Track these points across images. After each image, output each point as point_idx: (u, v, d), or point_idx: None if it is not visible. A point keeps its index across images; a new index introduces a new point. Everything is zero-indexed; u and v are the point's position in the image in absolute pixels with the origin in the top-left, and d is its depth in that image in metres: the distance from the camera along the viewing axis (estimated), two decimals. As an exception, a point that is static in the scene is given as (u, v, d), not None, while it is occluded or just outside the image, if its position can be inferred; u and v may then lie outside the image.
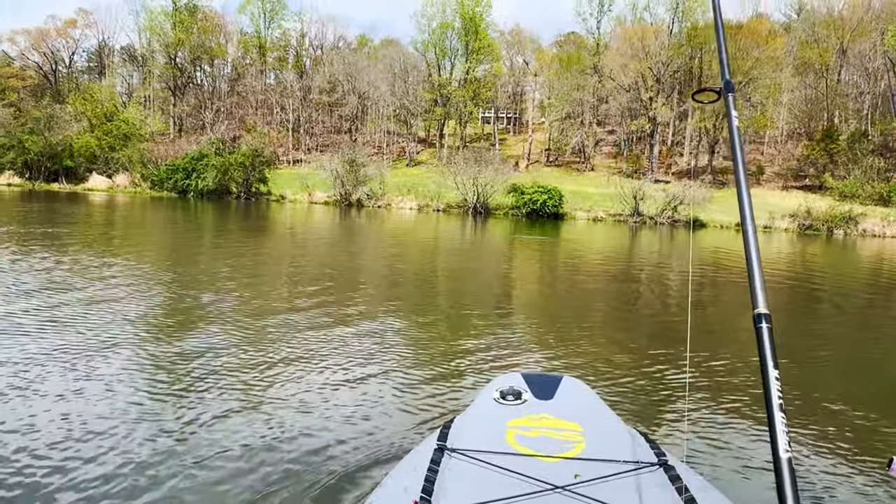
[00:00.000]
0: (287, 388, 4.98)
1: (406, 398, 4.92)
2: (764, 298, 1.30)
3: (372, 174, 38.81)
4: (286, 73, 70.10)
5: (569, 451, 2.23)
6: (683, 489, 1.99)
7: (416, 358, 6.16)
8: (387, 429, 4.25)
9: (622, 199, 35.70)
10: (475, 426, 2.48)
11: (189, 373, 5.20)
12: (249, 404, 4.58)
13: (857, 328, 9.80)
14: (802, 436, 4.44)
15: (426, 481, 2.01)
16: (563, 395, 2.74)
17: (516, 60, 75.13)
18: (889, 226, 34.51)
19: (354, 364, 5.77)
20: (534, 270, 15.60)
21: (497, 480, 2.03)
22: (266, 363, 5.59)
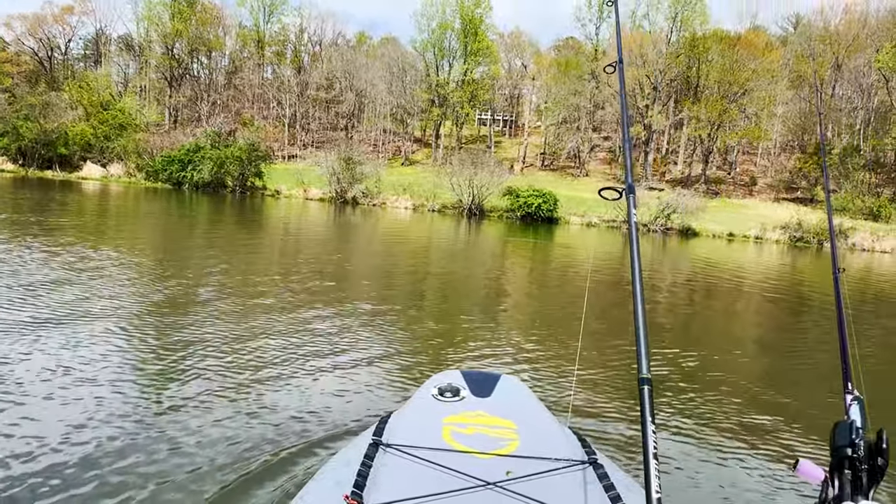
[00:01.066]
0: (243, 380, 5.05)
1: (354, 394, 4.99)
2: (647, 365, 1.40)
3: (368, 172, 38.81)
4: (284, 68, 69.95)
5: (503, 449, 2.26)
6: (610, 486, 2.05)
7: (375, 355, 6.23)
8: (326, 423, 4.29)
9: (616, 205, 35.81)
10: (411, 422, 2.50)
11: (158, 363, 5.31)
12: (223, 396, 4.65)
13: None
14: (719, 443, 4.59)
15: (358, 476, 2.02)
16: (500, 394, 2.76)
17: (514, 63, 75.39)
18: (878, 241, 34.88)
19: (319, 359, 5.85)
20: (523, 273, 15.71)
21: (430, 476, 2.04)
22: (224, 356, 5.64)
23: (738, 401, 5.69)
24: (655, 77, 55.04)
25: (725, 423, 5.03)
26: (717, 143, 54.69)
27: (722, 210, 40.63)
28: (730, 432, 4.81)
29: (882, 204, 44.22)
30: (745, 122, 53.56)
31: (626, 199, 1.82)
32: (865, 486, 1.42)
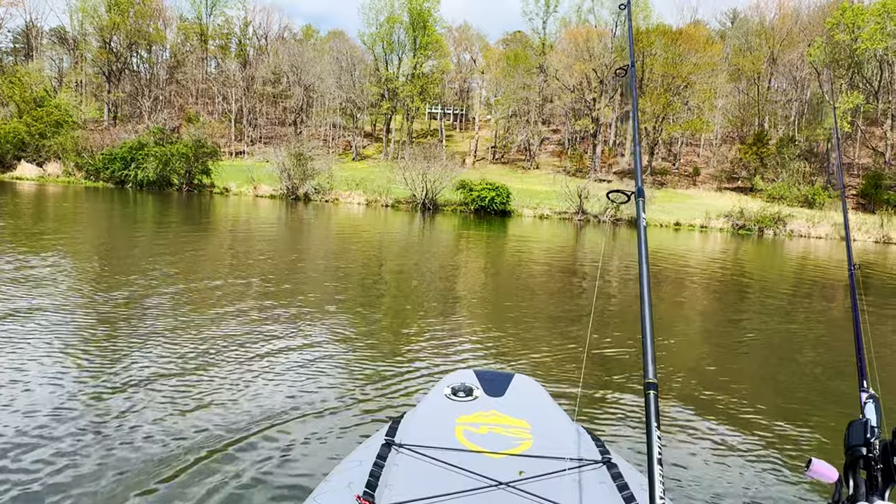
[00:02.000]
0: (228, 386, 5.00)
1: (353, 393, 5.02)
2: (653, 370, 1.40)
3: (320, 168, 38.31)
4: (228, 63, 68.26)
5: (515, 448, 2.25)
6: (624, 486, 2.04)
7: (360, 353, 6.25)
8: (335, 425, 4.32)
9: (567, 197, 36.51)
10: (424, 422, 2.49)
11: (111, 377, 5.05)
12: (184, 407, 4.58)
13: (779, 321, 10.46)
14: (722, 436, 4.59)
15: (371, 476, 2.02)
16: (513, 393, 2.75)
17: (463, 57, 75.69)
18: (814, 227, 36.59)
19: (300, 361, 5.82)
20: (484, 266, 15.86)
21: (442, 476, 2.04)
22: (202, 366, 5.55)
23: (743, 398, 5.64)
24: (602, 71, 56.11)
25: (731, 422, 4.97)
26: (662, 134, 56.23)
27: (668, 200, 41.84)
28: (737, 431, 4.75)
29: (816, 192, 46.38)
30: (687, 114, 55.22)
31: (635, 203, 1.84)
32: (881, 486, 1.40)
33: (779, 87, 57.80)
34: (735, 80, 58.25)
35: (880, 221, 37.75)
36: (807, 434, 4.90)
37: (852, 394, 2.03)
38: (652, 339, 1.46)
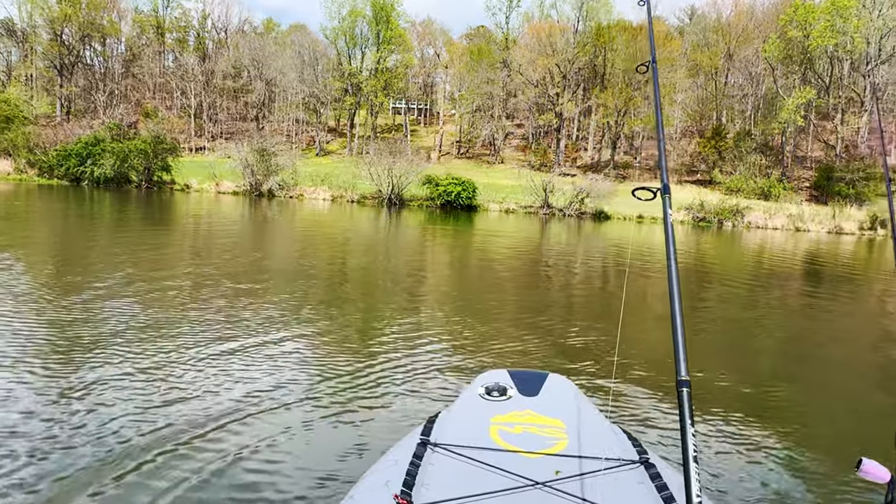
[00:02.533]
0: (227, 385, 4.94)
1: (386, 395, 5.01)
2: (686, 367, 1.38)
3: (283, 164, 37.78)
4: (187, 56, 66.72)
5: (551, 448, 2.24)
6: (663, 487, 2.01)
7: (333, 351, 6.23)
8: (373, 424, 4.37)
9: (533, 191, 36.81)
10: (459, 421, 2.49)
11: (70, 379, 5.01)
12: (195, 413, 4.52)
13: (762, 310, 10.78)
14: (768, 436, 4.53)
15: (407, 475, 2.02)
16: (547, 392, 2.76)
17: (427, 52, 75.46)
18: (770, 218, 37.68)
19: (257, 356, 5.78)
20: (460, 262, 15.91)
21: (478, 475, 2.04)
22: (170, 367, 5.49)
23: (785, 394, 5.63)
24: (564, 66, 56.66)
25: (773, 419, 4.89)
26: (624, 129, 57.10)
27: (630, 193, 42.46)
28: (780, 429, 4.68)
29: (772, 184, 47.77)
30: (648, 108, 56.17)
31: (661, 200, 1.82)
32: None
33: (735, 83, 59.18)
34: (693, 75, 59.45)
35: (832, 213, 39.09)
36: (841, 430, 4.94)
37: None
38: (683, 336, 1.44)
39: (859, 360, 7.55)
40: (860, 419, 5.31)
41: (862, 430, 5.04)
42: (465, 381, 4.97)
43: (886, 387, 6.38)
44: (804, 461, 4.14)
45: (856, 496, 3.62)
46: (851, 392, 6.14)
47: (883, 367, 7.24)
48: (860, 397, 5.99)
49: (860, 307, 12.29)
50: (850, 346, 8.41)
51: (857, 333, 9.46)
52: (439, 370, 5.69)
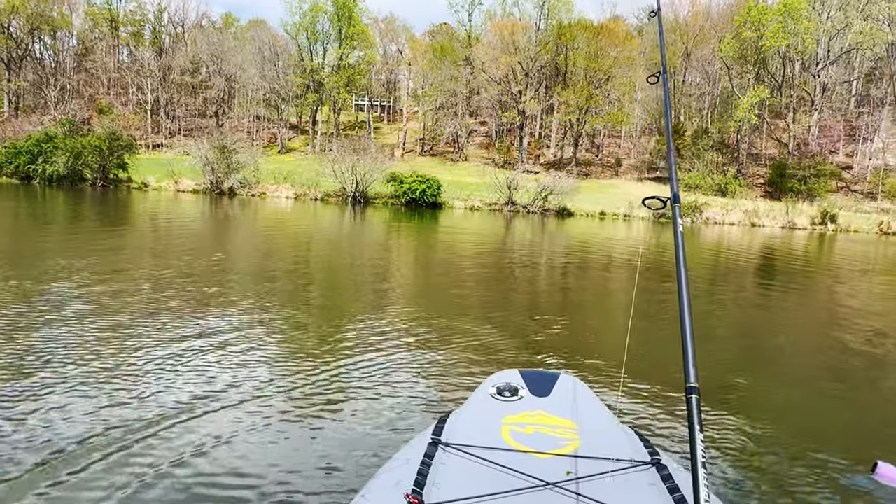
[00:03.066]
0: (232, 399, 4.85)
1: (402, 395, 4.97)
2: (695, 373, 1.40)
3: (245, 161, 37.14)
4: (142, 51, 65.03)
5: (562, 448, 2.24)
6: (675, 489, 2.00)
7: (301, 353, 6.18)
8: (383, 424, 4.34)
9: (497, 188, 37.03)
10: (470, 421, 2.49)
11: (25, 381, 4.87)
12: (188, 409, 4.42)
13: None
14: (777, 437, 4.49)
15: (419, 474, 2.03)
16: (559, 392, 2.75)
17: (390, 48, 75.10)
18: (727, 214, 38.71)
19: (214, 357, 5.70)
20: (430, 259, 15.90)
21: (489, 476, 2.04)
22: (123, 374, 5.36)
23: (797, 394, 5.59)
24: (527, 64, 57.10)
25: (786, 420, 4.84)
26: (586, 126, 57.89)
27: (593, 190, 43.18)
28: (793, 430, 4.62)
29: (728, 181, 49.10)
30: (609, 106, 57.08)
31: (671, 209, 1.78)
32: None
33: (693, 81, 60.58)
34: (653, 73, 60.57)
35: (786, 208, 40.36)
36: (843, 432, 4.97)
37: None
38: (692, 342, 1.43)
39: (814, 351, 7.82)
40: (857, 414, 5.49)
41: (871, 427, 5.21)
42: (477, 381, 4.96)
43: (852, 375, 6.62)
44: (809, 461, 4.23)
45: (868, 498, 3.59)
46: (835, 386, 6.35)
47: (839, 353, 7.51)
48: (845, 390, 6.20)
49: (812, 299, 12.73)
50: (805, 337, 8.70)
51: (809, 325, 9.80)
52: (445, 370, 5.68)
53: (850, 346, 8.06)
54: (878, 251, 26.88)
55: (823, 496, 3.62)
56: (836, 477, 3.85)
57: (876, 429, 4.97)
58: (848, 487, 3.71)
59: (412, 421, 4.38)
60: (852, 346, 8.07)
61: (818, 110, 56.05)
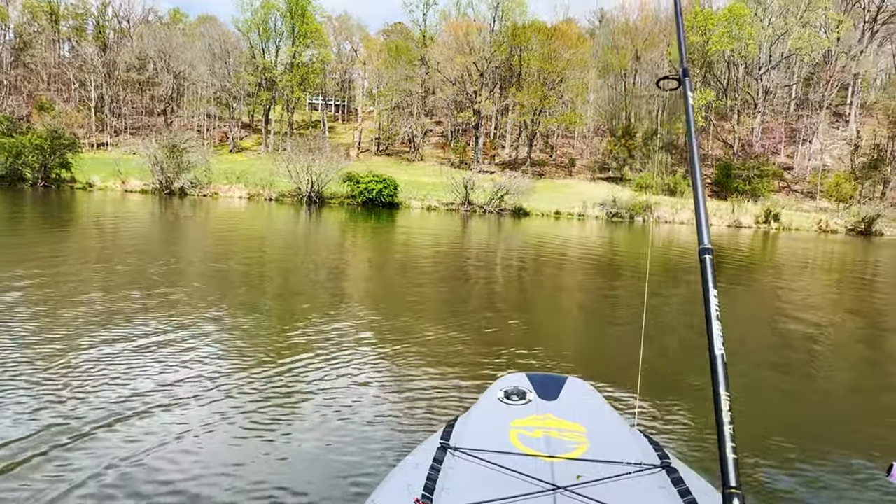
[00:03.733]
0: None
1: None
2: (707, 236, 1.50)
3: (196, 160, 36.22)
4: (85, 46, 62.61)
5: (571, 452, 2.24)
6: (685, 491, 2.00)
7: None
8: (393, 427, 4.36)
9: (453, 188, 37.16)
10: (478, 425, 2.48)
11: None
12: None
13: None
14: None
15: (428, 479, 2.02)
16: (567, 396, 2.74)
17: (344, 47, 74.38)
18: (677, 213, 39.81)
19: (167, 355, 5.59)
20: (391, 259, 15.84)
21: (499, 480, 2.04)
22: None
23: (809, 392, 5.61)
24: (482, 64, 57.44)
25: (799, 421, 4.81)
26: (540, 127, 58.60)
27: (548, 190, 43.77)
28: (806, 431, 4.61)
29: (677, 181, 50.44)
30: (562, 107, 57.94)
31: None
32: None
33: (643, 84, 61.92)
34: (604, 76, 61.86)
35: (731, 207, 41.76)
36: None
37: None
38: (705, 209, 1.54)
39: (759, 345, 8.13)
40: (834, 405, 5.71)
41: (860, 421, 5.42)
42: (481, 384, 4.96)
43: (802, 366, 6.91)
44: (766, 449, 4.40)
45: (885, 499, 3.61)
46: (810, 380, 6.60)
47: (782, 348, 7.83)
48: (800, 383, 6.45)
49: (758, 296, 13.23)
50: (751, 331, 9.04)
51: (755, 320, 10.18)
52: (448, 373, 5.67)
53: (792, 340, 8.41)
54: (817, 248, 28.09)
55: (830, 497, 3.62)
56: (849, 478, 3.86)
57: (821, 420, 5.21)
58: (860, 489, 3.72)
59: (421, 425, 4.40)
60: (795, 339, 8.43)
61: (761, 113, 58.20)
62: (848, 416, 5.32)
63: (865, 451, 4.37)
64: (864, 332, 9.57)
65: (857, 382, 6.66)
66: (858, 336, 9.21)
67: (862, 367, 7.43)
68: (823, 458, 4.23)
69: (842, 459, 4.21)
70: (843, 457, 4.25)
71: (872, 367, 7.47)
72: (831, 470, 4.03)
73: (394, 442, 4.06)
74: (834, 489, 3.74)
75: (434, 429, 3.08)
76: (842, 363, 7.48)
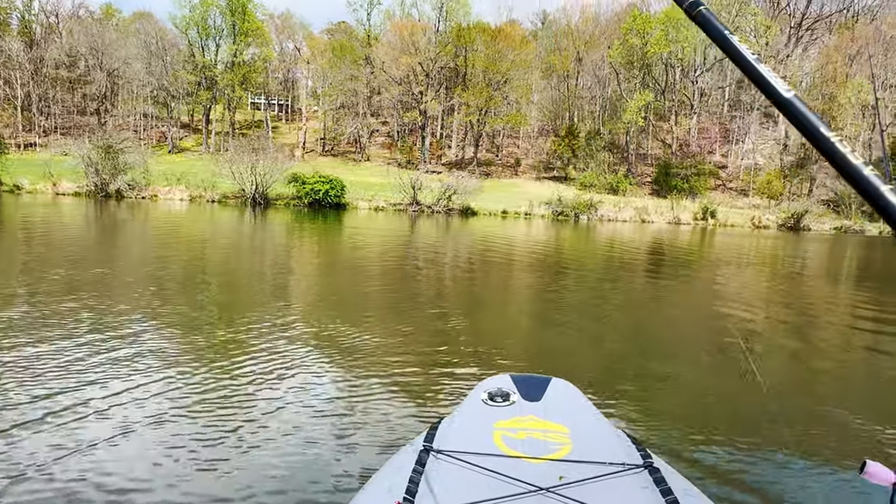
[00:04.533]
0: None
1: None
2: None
3: (133, 162, 34.94)
4: (9, 41, 59.40)
5: (555, 453, 2.24)
6: (667, 491, 2.01)
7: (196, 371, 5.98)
8: (377, 431, 4.32)
9: (401, 188, 37.10)
10: (462, 427, 2.47)
11: None
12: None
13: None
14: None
15: (410, 482, 2.01)
16: (551, 397, 2.74)
17: (287, 46, 73.15)
18: (619, 211, 40.91)
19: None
20: (338, 260, 15.67)
21: (482, 482, 2.03)
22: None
23: (788, 398, 5.62)
24: (427, 65, 57.53)
25: (773, 423, 4.79)
26: (486, 127, 59.15)
27: (495, 190, 44.22)
28: (780, 433, 4.59)
29: (619, 180, 51.85)
30: (508, 108, 58.66)
31: None
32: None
33: (585, 85, 63.35)
34: (547, 77, 62.94)
35: (671, 205, 43.20)
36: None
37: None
38: None
39: (695, 336, 8.46)
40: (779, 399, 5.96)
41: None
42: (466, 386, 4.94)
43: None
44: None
45: (858, 499, 3.64)
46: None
47: (720, 335, 8.17)
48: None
49: (696, 289, 13.76)
50: (689, 324, 9.40)
51: (694, 312, 10.59)
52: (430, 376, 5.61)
53: (728, 331, 8.78)
54: (751, 243, 29.37)
55: (807, 496, 3.66)
56: (825, 477, 3.90)
57: (754, 409, 5.46)
58: (836, 487, 3.76)
59: (403, 428, 4.38)
60: (729, 331, 8.80)
61: (697, 114, 60.44)
62: (778, 403, 5.60)
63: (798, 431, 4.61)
64: (793, 319, 10.08)
65: (792, 365, 7.01)
66: (788, 322, 9.69)
67: (796, 350, 7.83)
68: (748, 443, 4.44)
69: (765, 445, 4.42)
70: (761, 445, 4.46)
71: (802, 350, 7.88)
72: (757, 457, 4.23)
73: (375, 447, 4.04)
74: (761, 477, 3.92)
75: (419, 431, 3.08)
76: (775, 349, 7.86)
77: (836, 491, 3.73)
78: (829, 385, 6.47)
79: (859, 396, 6.02)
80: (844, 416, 5.18)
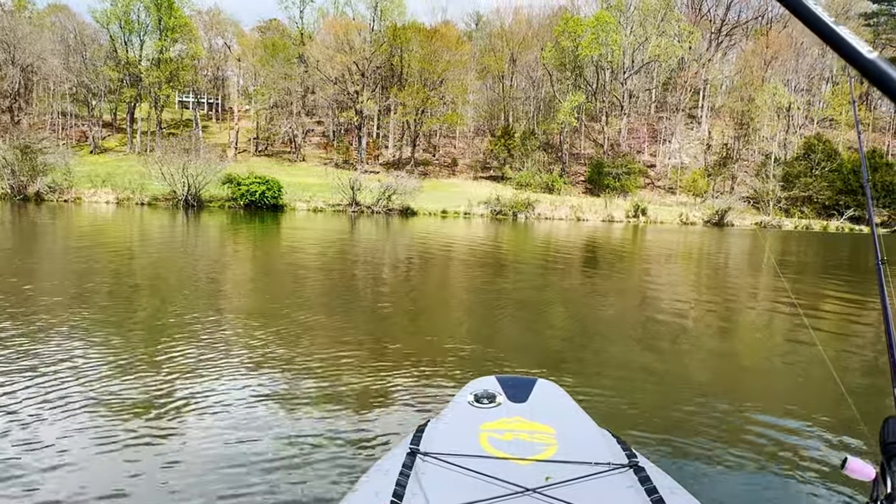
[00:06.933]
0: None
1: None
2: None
3: (54, 163, 33.10)
4: None
5: (541, 454, 2.26)
6: (652, 490, 2.04)
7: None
8: (362, 433, 4.28)
9: (340, 189, 36.71)
10: (448, 429, 2.48)
11: None
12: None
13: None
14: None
15: (397, 485, 2.01)
16: (536, 398, 2.76)
17: (216, 42, 70.94)
18: (556, 210, 41.88)
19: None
20: (273, 262, 15.36)
21: (468, 483, 2.05)
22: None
23: (772, 392, 5.73)
24: (363, 64, 57.09)
25: (757, 422, 4.86)
26: (423, 127, 59.25)
27: (434, 189, 44.38)
28: (763, 431, 4.67)
29: (554, 179, 53.03)
30: (444, 108, 58.96)
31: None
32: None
33: (519, 86, 64.43)
34: (483, 77, 63.66)
35: (604, 203, 44.56)
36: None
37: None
38: None
39: (630, 329, 8.83)
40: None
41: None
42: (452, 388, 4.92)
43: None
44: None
45: (841, 496, 3.71)
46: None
47: (652, 324, 8.55)
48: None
49: (629, 282, 14.30)
50: (626, 317, 9.78)
51: (628, 305, 11.03)
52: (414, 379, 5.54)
53: (659, 322, 9.20)
54: (679, 239, 30.69)
55: (790, 491, 3.74)
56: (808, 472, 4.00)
57: (687, 397, 5.76)
58: (818, 483, 3.84)
59: (389, 430, 4.36)
60: (662, 322, 9.22)
61: (626, 115, 62.54)
62: (712, 390, 5.92)
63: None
64: (718, 307, 10.64)
65: (717, 352, 7.42)
66: (714, 310, 10.24)
67: (721, 337, 8.28)
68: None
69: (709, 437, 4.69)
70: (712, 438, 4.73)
71: (727, 338, 8.34)
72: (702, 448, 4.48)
73: (361, 450, 4.04)
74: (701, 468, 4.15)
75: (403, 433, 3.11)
76: (703, 336, 8.29)
77: (819, 487, 3.79)
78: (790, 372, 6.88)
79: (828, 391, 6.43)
80: (823, 412, 5.53)
